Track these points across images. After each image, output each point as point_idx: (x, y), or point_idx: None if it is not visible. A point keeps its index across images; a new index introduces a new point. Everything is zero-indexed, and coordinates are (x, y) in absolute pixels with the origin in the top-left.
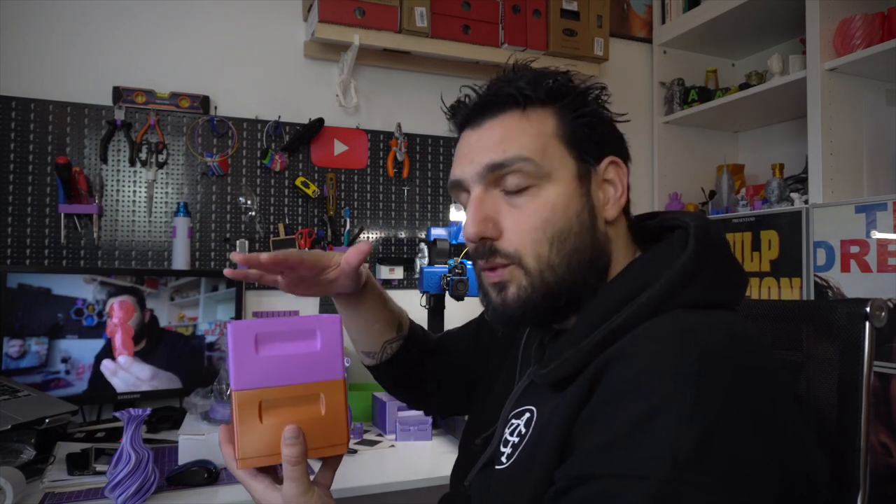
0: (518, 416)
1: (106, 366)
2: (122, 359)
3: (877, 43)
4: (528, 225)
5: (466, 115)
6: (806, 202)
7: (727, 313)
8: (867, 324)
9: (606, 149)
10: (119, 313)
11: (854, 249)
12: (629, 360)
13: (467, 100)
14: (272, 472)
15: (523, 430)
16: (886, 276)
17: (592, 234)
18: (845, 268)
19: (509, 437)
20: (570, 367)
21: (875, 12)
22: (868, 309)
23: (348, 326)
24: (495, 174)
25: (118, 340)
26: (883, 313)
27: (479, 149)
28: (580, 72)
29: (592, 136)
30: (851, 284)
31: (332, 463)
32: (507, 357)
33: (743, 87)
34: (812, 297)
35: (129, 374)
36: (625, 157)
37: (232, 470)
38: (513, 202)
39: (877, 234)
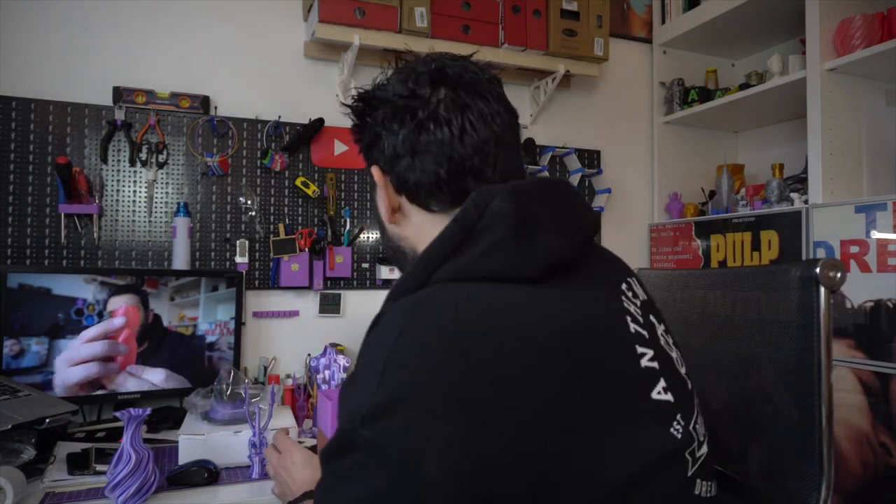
0: None
1: (122, 350)
2: (132, 367)
3: (877, 43)
4: None
5: None
6: (806, 202)
7: (477, 287)
8: (821, 288)
9: (370, 159)
10: (126, 329)
11: (854, 249)
12: (374, 330)
13: None
14: None
15: None
16: (886, 276)
17: (386, 234)
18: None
19: None
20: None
21: (875, 12)
22: (818, 270)
23: None
24: None
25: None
26: (837, 274)
27: None
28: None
29: (364, 148)
30: (851, 284)
31: None
32: None
33: (743, 87)
34: None
35: (141, 379)
36: (381, 161)
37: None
38: None
39: (877, 234)
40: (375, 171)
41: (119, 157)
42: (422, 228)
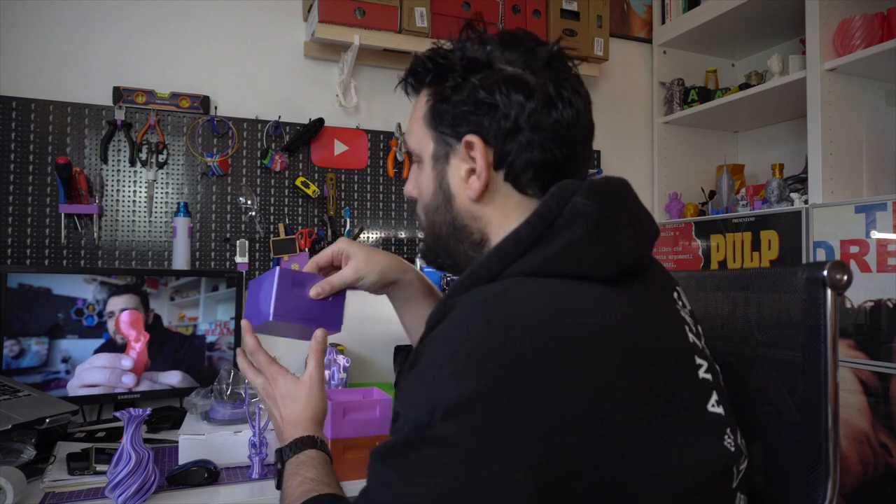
0: None
1: (125, 382)
2: (148, 374)
3: (877, 43)
4: (417, 195)
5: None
6: (806, 202)
7: (559, 284)
8: (828, 290)
9: (465, 126)
10: (131, 331)
11: (854, 249)
12: (447, 321)
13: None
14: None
15: None
16: (886, 276)
17: (451, 211)
18: None
19: None
20: (413, 357)
21: (875, 12)
22: (825, 272)
23: (402, 322)
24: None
25: (134, 356)
26: (844, 276)
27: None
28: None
29: (453, 113)
30: (852, 284)
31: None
32: None
33: (743, 87)
34: None
35: (158, 383)
36: (490, 132)
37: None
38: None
39: (876, 234)
40: (475, 140)
41: (119, 157)
42: (506, 212)
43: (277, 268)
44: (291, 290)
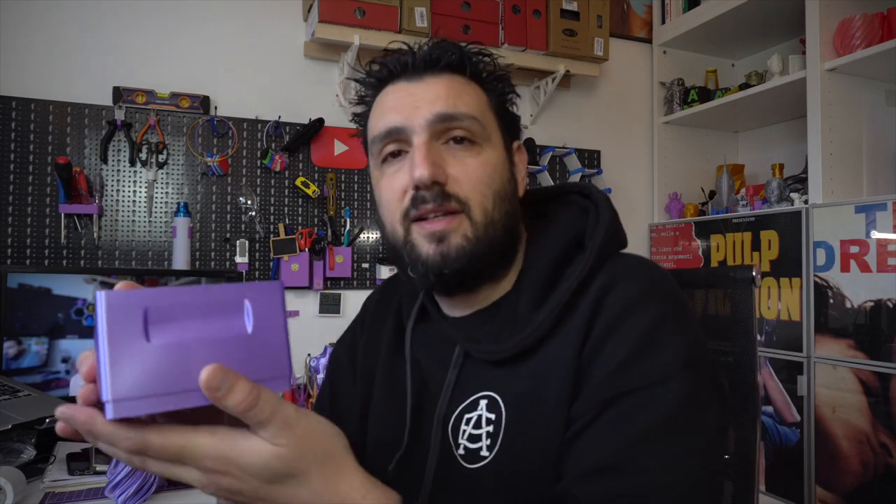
0: (471, 409)
1: None
2: None
3: (877, 43)
4: (475, 177)
5: (405, 66)
6: (806, 202)
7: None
8: (753, 288)
9: (516, 133)
10: None
11: (854, 249)
12: (622, 289)
13: (405, 55)
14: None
15: (491, 416)
16: (886, 276)
17: (515, 202)
18: (845, 268)
19: (474, 431)
20: (550, 323)
21: (875, 12)
22: (754, 273)
23: None
24: (444, 125)
25: None
26: (759, 276)
27: (425, 99)
28: (503, 56)
29: (511, 117)
30: (851, 284)
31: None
32: (370, 367)
33: (743, 87)
34: (812, 298)
35: None
36: (522, 144)
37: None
38: (456, 155)
39: (876, 234)
40: (520, 146)
41: (119, 157)
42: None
43: (99, 293)
44: (145, 341)
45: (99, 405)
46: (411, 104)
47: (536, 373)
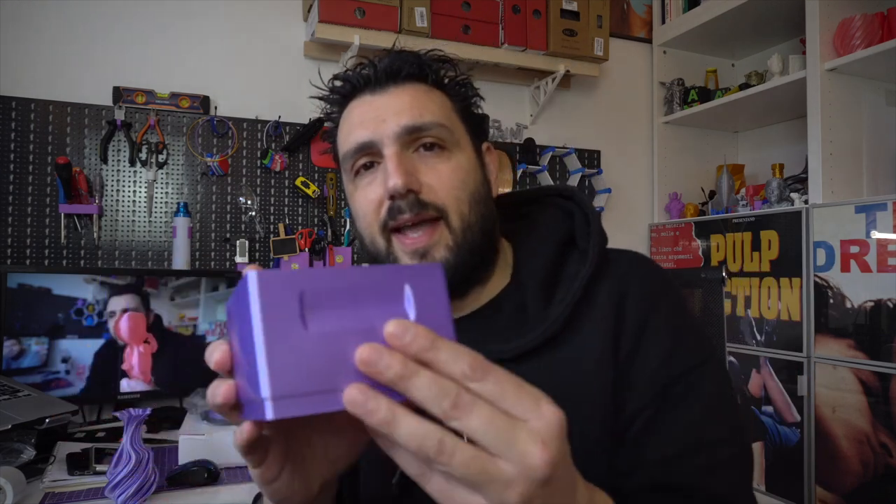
0: None
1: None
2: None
3: (877, 43)
4: (448, 183)
5: (367, 80)
6: (806, 202)
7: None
8: (722, 287)
9: (483, 135)
10: (132, 335)
11: (854, 249)
12: (640, 283)
13: (366, 69)
14: None
15: None
16: (886, 276)
17: (490, 204)
18: (845, 268)
19: None
20: (559, 323)
21: (875, 12)
22: (724, 273)
23: None
24: (412, 136)
25: (136, 365)
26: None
27: (390, 111)
28: (460, 56)
29: (476, 120)
30: (851, 284)
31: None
32: None
33: (743, 87)
34: (812, 298)
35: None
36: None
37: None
38: (427, 163)
39: (877, 234)
40: (489, 147)
41: (119, 157)
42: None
43: (251, 272)
44: (303, 329)
45: (237, 408)
46: (378, 117)
47: (558, 368)
